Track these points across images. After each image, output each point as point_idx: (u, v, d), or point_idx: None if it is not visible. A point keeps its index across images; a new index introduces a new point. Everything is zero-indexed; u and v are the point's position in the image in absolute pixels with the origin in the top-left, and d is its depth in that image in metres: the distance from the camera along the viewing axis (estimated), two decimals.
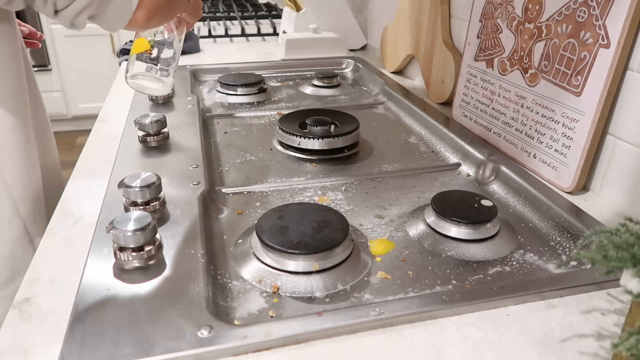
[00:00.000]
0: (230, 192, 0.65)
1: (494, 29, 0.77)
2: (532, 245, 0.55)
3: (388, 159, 0.76)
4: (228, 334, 0.39)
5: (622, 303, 0.45)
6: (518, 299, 0.44)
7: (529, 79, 0.70)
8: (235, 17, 1.69)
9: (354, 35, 1.37)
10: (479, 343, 0.40)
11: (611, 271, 0.32)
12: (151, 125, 0.72)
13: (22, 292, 0.45)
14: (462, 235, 0.55)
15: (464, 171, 0.72)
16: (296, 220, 0.52)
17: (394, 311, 0.42)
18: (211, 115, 0.92)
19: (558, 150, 0.65)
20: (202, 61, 1.21)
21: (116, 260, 0.47)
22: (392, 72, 1.18)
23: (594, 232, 0.36)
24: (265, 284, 0.48)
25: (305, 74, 1.20)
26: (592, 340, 0.41)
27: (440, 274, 0.50)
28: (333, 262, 0.49)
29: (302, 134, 0.75)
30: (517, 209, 0.62)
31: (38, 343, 0.40)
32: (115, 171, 0.64)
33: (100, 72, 3.00)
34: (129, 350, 0.37)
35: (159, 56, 0.60)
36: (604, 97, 0.59)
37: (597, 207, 0.60)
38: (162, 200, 0.57)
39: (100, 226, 0.52)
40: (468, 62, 0.83)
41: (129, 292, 0.44)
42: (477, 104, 0.81)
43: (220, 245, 0.54)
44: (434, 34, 0.96)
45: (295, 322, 0.41)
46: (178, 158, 0.68)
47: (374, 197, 0.65)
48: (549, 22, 0.66)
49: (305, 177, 0.70)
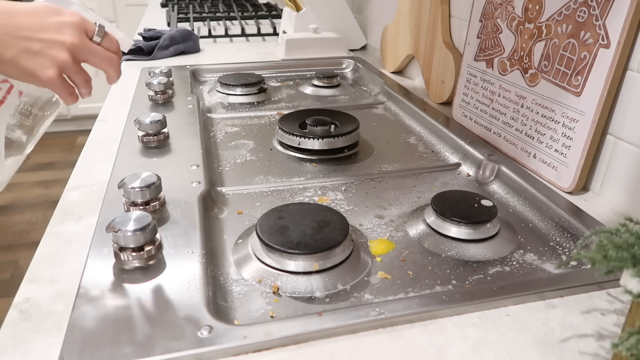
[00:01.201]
0: (230, 192, 0.65)
1: (494, 29, 0.77)
2: (532, 245, 0.55)
3: (388, 159, 0.76)
4: (228, 334, 0.39)
5: (622, 303, 0.45)
6: (518, 299, 0.44)
7: (529, 79, 0.70)
8: (235, 17, 1.69)
9: (354, 35, 1.37)
10: (479, 343, 0.40)
11: (611, 271, 0.32)
12: (151, 125, 0.72)
13: (22, 292, 0.45)
14: (462, 235, 0.55)
15: (464, 171, 0.72)
16: (296, 220, 0.52)
17: (394, 311, 0.42)
18: (211, 115, 0.92)
19: (558, 150, 0.65)
20: (202, 61, 1.21)
21: (116, 260, 0.47)
22: (392, 72, 1.18)
23: (594, 232, 0.36)
24: (265, 284, 0.48)
25: (305, 74, 1.20)
26: (592, 340, 0.41)
27: (440, 274, 0.51)
28: (333, 262, 0.49)
29: (302, 134, 0.75)
30: (517, 209, 0.62)
31: (38, 343, 0.40)
32: (115, 171, 0.64)
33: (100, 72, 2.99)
34: (129, 350, 0.37)
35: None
36: (604, 97, 0.59)
37: (597, 207, 0.60)
38: (162, 200, 0.57)
39: (100, 226, 0.52)
40: (468, 62, 0.83)
41: (129, 292, 0.44)
42: (477, 104, 0.81)
43: (220, 245, 0.54)
44: (434, 34, 0.96)
45: (295, 322, 0.41)
46: (178, 158, 0.68)
47: (374, 197, 0.65)
48: (549, 22, 0.66)
49: (305, 177, 0.70)
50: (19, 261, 2.02)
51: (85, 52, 0.53)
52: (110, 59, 0.56)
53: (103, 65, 0.56)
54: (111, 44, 0.56)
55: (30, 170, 2.72)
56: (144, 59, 1.21)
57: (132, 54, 1.21)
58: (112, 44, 0.56)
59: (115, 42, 0.57)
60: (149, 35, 1.27)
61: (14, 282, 1.86)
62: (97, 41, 0.55)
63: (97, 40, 0.55)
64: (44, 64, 0.50)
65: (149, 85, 0.89)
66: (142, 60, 1.21)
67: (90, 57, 0.54)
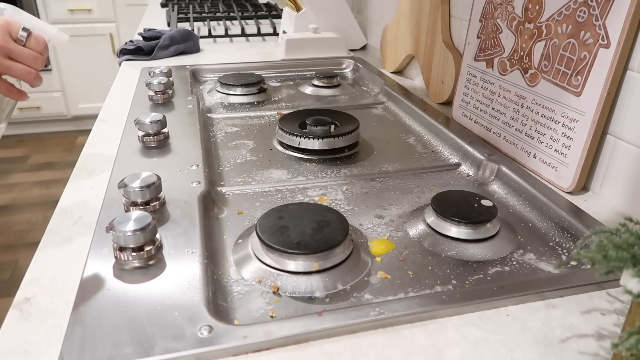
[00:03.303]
0: (230, 192, 0.65)
1: (494, 29, 0.77)
2: (532, 245, 0.55)
3: (388, 159, 0.76)
4: (228, 334, 0.39)
5: (622, 303, 0.45)
6: (518, 299, 0.44)
7: (529, 79, 0.70)
8: (235, 17, 1.69)
9: (354, 35, 1.37)
10: (479, 343, 0.40)
11: (611, 271, 0.32)
12: (151, 125, 0.72)
13: (22, 292, 0.45)
14: (462, 235, 0.55)
15: (464, 171, 0.72)
16: (296, 220, 0.52)
17: (394, 311, 0.42)
18: (211, 115, 0.92)
19: (558, 150, 0.65)
20: (202, 61, 1.21)
21: (116, 260, 0.47)
22: (392, 72, 1.18)
23: (593, 232, 0.36)
24: (265, 284, 0.48)
25: (305, 74, 1.20)
26: (592, 340, 0.41)
27: (440, 274, 0.51)
28: (333, 262, 0.49)
29: (302, 134, 0.75)
30: (517, 209, 0.62)
31: (38, 343, 0.40)
32: (115, 171, 0.64)
33: (100, 72, 3.00)
34: (129, 350, 0.37)
35: None
36: (604, 97, 0.59)
37: (597, 207, 0.60)
38: (162, 200, 0.57)
39: (100, 226, 0.52)
40: (468, 62, 0.83)
41: (129, 292, 0.44)
42: (477, 104, 0.81)
43: (220, 245, 0.54)
44: (434, 34, 0.96)
45: (295, 322, 0.41)
46: (178, 158, 0.68)
47: (374, 197, 0.65)
48: (549, 22, 0.66)
49: (305, 177, 0.70)
50: (19, 261, 2.02)
51: (9, 52, 0.59)
52: (35, 58, 0.61)
53: (28, 62, 0.61)
54: (37, 45, 0.61)
55: (30, 170, 2.73)
56: (144, 59, 1.21)
57: (132, 54, 1.21)
58: (38, 44, 0.62)
59: (41, 42, 0.62)
60: (149, 35, 1.27)
61: (14, 282, 1.86)
62: (21, 41, 0.60)
63: (20, 40, 0.60)
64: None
65: (149, 85, 0.89)
66: (142, 60, 1.21)
67: (15, 56, 0.60)
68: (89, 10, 2.92)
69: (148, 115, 0.73)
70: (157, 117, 0.73)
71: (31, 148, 2.94)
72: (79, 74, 3.01)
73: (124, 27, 3.03)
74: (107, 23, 2.99)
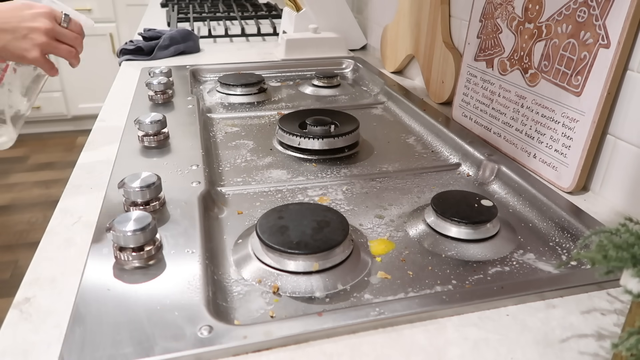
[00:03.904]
0: (230, 192, 0.65)
1: (494, 29, 0.77)
2: (532, 245, 0.55)
3: (388, 159, 0.76)
4: (228, 334, 0.39)
5: (622, 303, 0.45)
6: (518, 299, 0.44)
7: (529, 79, 0.70)
8: (235, 17, 1.69)
9: (354, 35, 1.37)
10: (479, 343, 0.40)
11: (611, 271, 0.32)
12: (151, 125, 0.72)
13: (22, 292, 0.45)
14: (462, 235, 0.55)
15: (464, 171, 0.72)
16: (296, 220, 0.52)
17: (394, 311, 0.42)
18: (211, 115, 0.92)
19: (558, 150, 0.65)
20: (202, 61, 1.21)
21: (116, 260, 0.47)
22: (392, 72, 1.18)
23: (593, 232, 0.36)
24: (265, 284, 0.48)
25: (305, 74, 1.20)
26: (592, 340, 0.41)
27: (440, 274, 0.51)
28: (333, 262, 0.49)
29: (302, 134, 0.75)
30: (517, 209, 0.62)
31: (38, 343, 0.40)
32: (115, 171, 0.64)
33: (100, 72, 3.00)
34: (129, 350, 0.37)
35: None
36: (604, 97, 0.59)
37: (597, 207, 0.60)
38: (162, 200, 0.57)
39: (100, 226, 0.52)
40: (468, 62, 0.83)
41: (129, 292, 0.44)
42: (477, 104, 0.81)
43: (220, 245, 0.54)
44: (434, 34, 0.96)
45: (295, 322, 0.41)
46: (178, 158, 0.68)
47: (374, 197, 0.65)
48: (549, 22, 0.66)
49: (305, 177, 0.70)
50: (19, 261, 2.02)
51: (57, 34, 0.69)
52: (76, 38, 0.73)
53: (71, 43, 0.72)
54: (75, 27, 0.73)
55: (30, 170, 2.73)
56: (144, 59, 1.21)
57: (132, 54, 1.21)
58: (77, 27, 0.73)
59: (79, 26, 0.73)
60: (149, 35, 1.27)
61: (14, 282, 1.86)
62: (64, 26, 0.71)
63: (64, 25, 0.71)
64: (29, 47, 0.66)
65: (149, 85, 0.89)
66: (142, 60, 1.21)
67: (61, 37, 0.70)
68: (89, 10, 2.92)
69: (148, 115, 0.73)
70: (157, 117, 0.73)
71: (31, 148, 2.94)
72: (79, 74, 3.00)
73: (124, 27, 3.03)
74: (107, 23, 2.99)
